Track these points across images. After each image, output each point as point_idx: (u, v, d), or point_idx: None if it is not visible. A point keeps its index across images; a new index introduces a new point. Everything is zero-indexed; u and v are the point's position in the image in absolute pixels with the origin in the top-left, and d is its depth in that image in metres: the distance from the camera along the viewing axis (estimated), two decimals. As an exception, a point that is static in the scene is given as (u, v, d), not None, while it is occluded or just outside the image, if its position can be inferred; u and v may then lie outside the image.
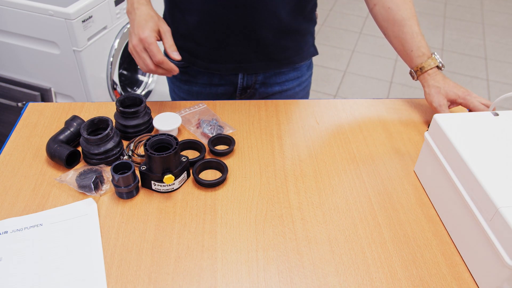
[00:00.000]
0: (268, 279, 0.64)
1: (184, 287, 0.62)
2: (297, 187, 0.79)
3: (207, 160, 0.81)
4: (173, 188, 0.76)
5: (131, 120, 0.85)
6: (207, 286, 0.63)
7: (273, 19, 0.94)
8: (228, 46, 0.98)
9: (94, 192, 0.74)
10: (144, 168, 0.75)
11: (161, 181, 0.74)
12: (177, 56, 0.87)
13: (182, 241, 0.68)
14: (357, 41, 3.22)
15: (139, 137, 0.85)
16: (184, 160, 0.77)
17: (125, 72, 2.07)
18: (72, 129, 0.83)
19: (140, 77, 2.15)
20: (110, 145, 0.79)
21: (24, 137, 0.86)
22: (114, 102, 0.95)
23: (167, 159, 0.73)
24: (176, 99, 1.16)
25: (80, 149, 0.83)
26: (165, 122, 0.87)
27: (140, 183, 0.77)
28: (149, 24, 0.84)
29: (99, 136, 0.77)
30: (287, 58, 1.04)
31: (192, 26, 0.97)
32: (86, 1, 1.55)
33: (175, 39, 1.02)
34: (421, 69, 0.92)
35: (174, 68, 0.86)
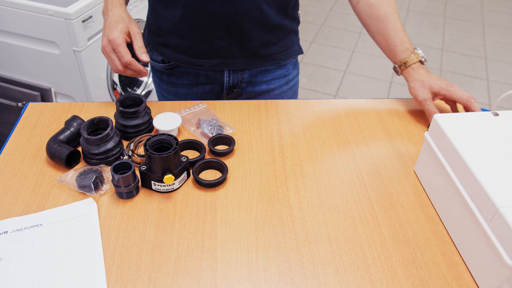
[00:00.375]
0: (268, 279, 0.64)
1: (184, 287, 0.62)
2: (297, 187, 0.79)
3: (207, 160, 0.81)
4: (173, 188, 0.76)
5: (131, 120, 0.85)
6: (207, 286, 0.63)
7: (256, 12, 0.95)
8: (212, 39, 0.98)
9: (94, 192, 0.74)
10: (144, 168, 0.75)
11: (161, 181, 0.74)
12: (146, 58, 0.90)
13: (182, 241, 0.68)
14: (357, 41, 3.22)
15: (139, 137, 0.85)
16: (184, 160, 0.77)
17: (125, 72, 2.07)
18: (72, 129, 0.83)
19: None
20: (110, 145, 0.79)
21: (24, 137, 0.86)
22: (114, 102, 0.95)
23: (167, 159, 0.73)
24: None
25: (80, 149, 0.83)
26: (165, 122, 0.87)
27: (140, 183, 0.78)
28: (119, 26, 0.88)
29: (99, 136, 0.77)
30: (271, 55, 1.05)
31: (176, 20, 0.97)
32: (86, 1, 1.55)
33: (159, 36, 1.03)
34: (405, 64, 0.94)
35: (143, 70, 0.89)
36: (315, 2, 3.39)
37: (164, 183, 0.74)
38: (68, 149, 0.78)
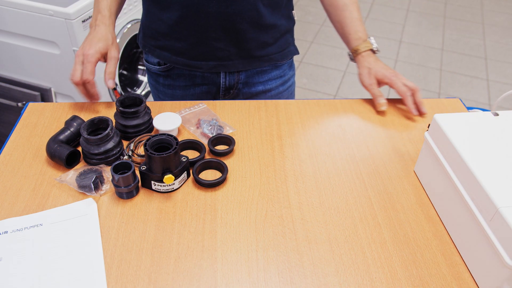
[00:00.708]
0: (268, 279, 0.64)
1: (184, 287, 0.62)
2: (297, 187, 0.79)
3: (207, 160, 0.81)
4: (173, 188, 0.76)
5: (131, 120, 0.85)
6: (207, 286, 0.63)
7: (252, 12, 0.95)
8: (209, 40, 0.98)
9: (94, 192, 0.74)
10: (144, 168, 0.75)
11: (161, 181, 0.74)
12: (111, 85, 0.93)
13: (182, 241, 0.68)
14: (357, 41, 3.21)
15: (139, 137, 0.85)
16: (184, 160, 0.77)
17: (125, 72, 2.07)
18: (72, 129, 0.83)
19: (140, 77, 2.15)
20: (110, 145, 0.79)
21: (24, 137, 0.86)
22: (114, 102, 0.95)
23: (167, 159, 0.73)
24: None
25: (80, 149, 0.83)
26: (165, 122, 0.87)
27: (140, 183, 0.78)
28: (99, 45, 0.90)
29: (99, 136, 0.77)
30: (267, 55, 1.05)
31: (172, 22, 0.98)
32: (86, 1, 1.55)
33: (155, 39, 1.03)
34: (356, 51, 1.01)
35: (95, 96, 0.92)
36: (315, 2, 3.39)
37: (164, 183, 0.74)
38: (68, 149, 0.78)
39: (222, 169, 0.80)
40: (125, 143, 0.86)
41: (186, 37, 0.99)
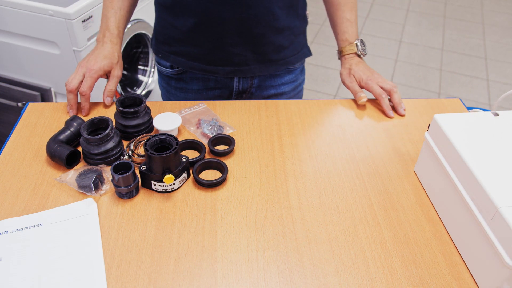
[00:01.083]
0: (268, 279, 0.64)
1: (184, 287, 0.62)
2: (297, 187, 0.79)
3: (207, 160, 0.81)
4: (173, 188, 0.76)
5: (131, 120, 0.85)
6: (207, 286, 0.63)
7: (268, 16, 0.95)
8: (225, 47, 0.98)
9: (94, 192, 0.74)
10: (144, 168, 0.75)
11: (161, 181, 0.74)
12: (107, 102, 0.95)
13: (182, 241, 0.68)
14: (357, 41, 3.22)
15: (139, 137, 0.85)
16: (184, 160, 0.77)
17: (125, 72, 2.07)
18: (72, 129, 0.83)
19: (140, 77, 2.15)
20: (110, 145, 0.79)
21: (24, 137, 0.86)
22: (114, 102, 0.95)
23: (167, 159, 0.73)
24: None
25: (80, 149, 0.83)
26: (165, 122, 0.87)
27: (140, 183, 0.78)
28: (104, 62, 0.92)
29: (99, 136, 0.77)
30: (283, 59, 1.05)
31: (189, 29, 0.97)
32: (86, 1, 1.55)
33: (169, 45, 1.03)
34: (341, 52, 1.06)
35: (85, 109, 0.92)
36: (315, 2, 3.39)
37: (164, 183, 0.74)
38: (68, 149, 0.78)
39: (222, 169, 0.80)
40: (125, 143, 0.86)
41: (202, 43, 0.99)
